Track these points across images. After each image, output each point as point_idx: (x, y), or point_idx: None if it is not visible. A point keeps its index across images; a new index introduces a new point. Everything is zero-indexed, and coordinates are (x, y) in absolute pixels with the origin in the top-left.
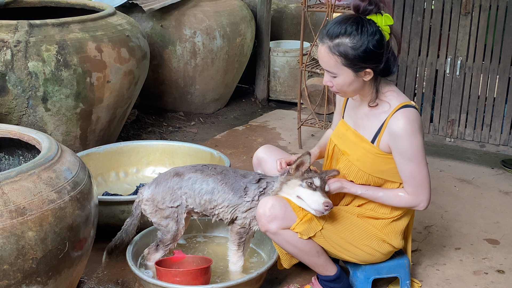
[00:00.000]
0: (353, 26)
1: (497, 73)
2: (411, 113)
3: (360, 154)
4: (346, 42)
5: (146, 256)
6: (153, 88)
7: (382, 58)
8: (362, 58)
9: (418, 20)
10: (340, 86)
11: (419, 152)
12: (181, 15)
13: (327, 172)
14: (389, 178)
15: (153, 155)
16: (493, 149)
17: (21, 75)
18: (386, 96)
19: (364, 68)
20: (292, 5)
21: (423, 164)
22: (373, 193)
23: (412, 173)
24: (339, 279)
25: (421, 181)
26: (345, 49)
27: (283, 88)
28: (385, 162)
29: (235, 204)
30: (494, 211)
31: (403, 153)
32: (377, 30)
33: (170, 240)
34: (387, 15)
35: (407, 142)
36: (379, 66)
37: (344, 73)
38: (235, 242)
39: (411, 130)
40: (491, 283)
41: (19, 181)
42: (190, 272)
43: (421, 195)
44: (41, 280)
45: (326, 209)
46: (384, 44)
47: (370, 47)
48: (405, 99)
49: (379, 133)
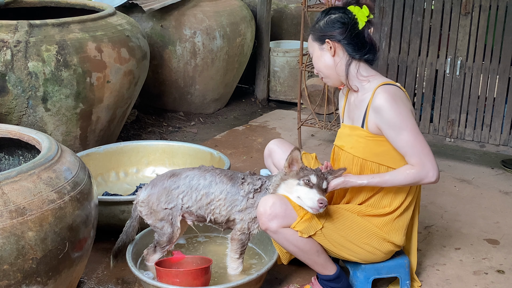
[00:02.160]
0: (324, 12)
1: (497, 73)
2: (391, 88)
3: (353, 141)
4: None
5: (145, 257)
6: (153, 88)
7: (344, 34)
8: (322, 29)
9: (418, 20)
10: (316, 64)
11: (407, 119)
12: (181, 15)
13: (333, 172)
14: (384, 163)
15: (153, 155)
16: (493, 149)
17: (21, 75)
18: (369, 80)
19: (324, 37)
20: (292, 5)
21: (417, 131)
22: (380, 178)
23: (409, 142)
24: (338, 279)
25: (421, 147)
26: (314, 25)
27: (283, 88)
28: (377, 144)
29: (232, 197)
30: (494, 211)
31: (391, 123)
32: (344, 13)
33: (166, 242)
34: (365, 7)
35: (392, 111)
36: (341, 41)
37: (315, 49)
38: (237, 251)
39: (392, 100)
40: (491, 283)
41: (19, 181)
42: (190, 272)
43: (427, 163)
44: (41, 280)
45: (320, 207)
46: (347, 24)
47: (330, 19)
48: (387, 80)
49: (366, 115)
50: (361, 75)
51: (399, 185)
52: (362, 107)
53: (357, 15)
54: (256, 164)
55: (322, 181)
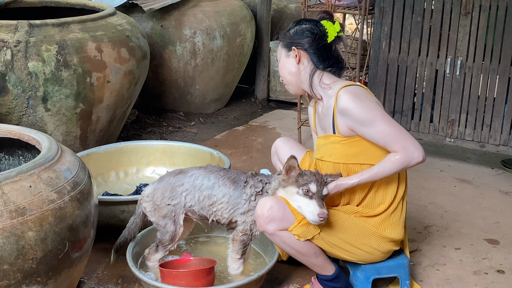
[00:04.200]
0: (296, 21)
1: (497, 73)
2: (351, 88)
3: (330, 149)
4: (289, 31)
5: (146, 256)
6: (153, 88)
7: (311, 43)
8: (290, 37)
9: (418, 20)
10: (280, 71)
11: (375, 110)
12: (181, 15)
13: (332, 176)
14: (364, 161)
15: (153, 155)
16: (493, 149)
17: (21, 75)
18: (331, 86)
19: (291, 45)
20: (292, 5)
21: (388, 118)
22: (369, 173)
23: (384, 131)
24: (337, 278)
25: (398, 132)
26: (285, 32)
27: (283, 88)
28: (353, 146)
29: (234, 200)
30: (494, 211)
31: (361, 120)
32: (315, 25)
33: (169, 241)
34: (337, 23)
35: (358, 108)
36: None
37: (281, 56)
38: (239, 252)
39: (355, 98)
40: (491, 283)
41: (19, 181)
42: (192, 273)
43: (409, 145)
44: (41, 280)
45: (321, 220)
46: (316, 34)
47: (299, 29)
48: (348, 82)
49: (334, 120)
50: (323, 83)
51: (389, 174)
52: (329, 114)
53: (328, 29)
54: (256, 164)
55: (321, 188)
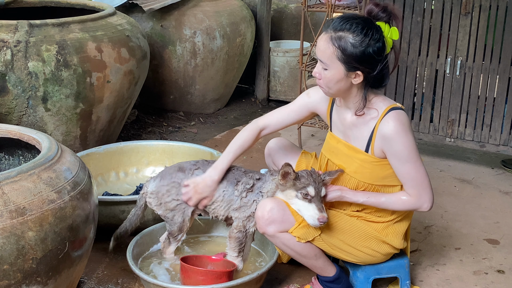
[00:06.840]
0: (359, 25)
1: (497, 73)
2: (400, 115)
3: (357, 165)
4: (348, 37)
5: (162, 250)
6: (153, 88)
7: (377, 66)
8: (358, 58)
9: (418, 20)
10: (328, 80)
11: (413, 151)
12: (181, 15)
13: (330, 173)
14: (390, 183)
15: (153, 155)
16: (493, 149)
17: (21, 75)
18: (372, 102)
19: (356, 69)
20: (292, 5)
21: (419, 163)
22: (375, 199)
23: (410, 174)
24: (338, 280)
25: (421, 180)
26: (345, 43)
27: (283, 88)
28: (384, 169)
29: (228, 197)
30: (494, 211)
31: (398, 154)
32: (381, 38)
33: (178, 232)
34: (395, 28)
35: (401, 143)
36: (372, 73)
37: (336, 67)
38: (236, 249)
39: (402, 131)
40: (491, 283)
41: (19, 181)
42: (213, 273)
43: (424, 195)
44: (41, 280)
45: (321, 224)
46: (383, 54)
47: (370, 50)
48: (392, 102)
49: (371, 140)
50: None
51: (392, 209)
52: (365, 130)
53: (387, 38)
54: (256, 164)
55: (320, 189)
